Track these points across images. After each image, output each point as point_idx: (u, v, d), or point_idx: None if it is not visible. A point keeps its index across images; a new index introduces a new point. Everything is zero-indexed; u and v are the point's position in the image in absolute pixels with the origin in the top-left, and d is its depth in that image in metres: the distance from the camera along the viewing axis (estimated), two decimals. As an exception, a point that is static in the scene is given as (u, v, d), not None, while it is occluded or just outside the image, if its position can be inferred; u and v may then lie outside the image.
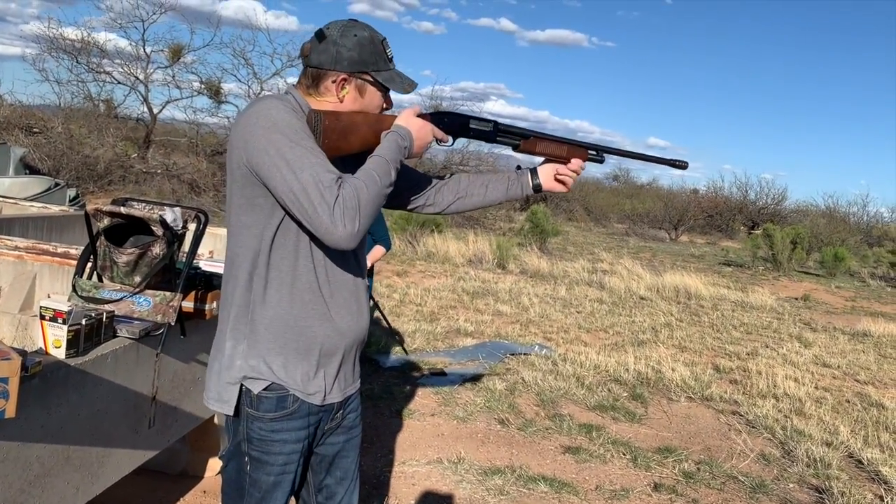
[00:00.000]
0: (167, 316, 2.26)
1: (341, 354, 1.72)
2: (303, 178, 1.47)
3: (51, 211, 4.28)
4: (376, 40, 1.68)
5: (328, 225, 1.46)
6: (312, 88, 1.69)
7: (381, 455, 3.85)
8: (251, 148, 1.53)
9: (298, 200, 1.48)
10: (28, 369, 1.70)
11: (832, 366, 7.30)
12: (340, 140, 1.63)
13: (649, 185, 38.12)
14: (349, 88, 1.68)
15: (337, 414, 1.78)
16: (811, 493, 3.98)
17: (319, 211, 1.46)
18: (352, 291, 1.72)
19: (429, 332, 6.71)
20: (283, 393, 1.64)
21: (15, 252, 2.94)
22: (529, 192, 1.96)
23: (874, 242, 25.40)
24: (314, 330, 1.65)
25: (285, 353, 1.64)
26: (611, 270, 12.89)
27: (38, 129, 16.02)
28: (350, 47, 1.64)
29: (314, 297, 1.65)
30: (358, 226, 1.49)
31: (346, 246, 1.50)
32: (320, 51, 1.65)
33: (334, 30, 1.66)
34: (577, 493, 3.67)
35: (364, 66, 1.66)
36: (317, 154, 1.52)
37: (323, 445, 1.80)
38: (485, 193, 1.96)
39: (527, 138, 1.90)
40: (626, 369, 6.03)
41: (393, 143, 1.64)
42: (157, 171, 16.12)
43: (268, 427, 1.65)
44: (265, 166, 1.51)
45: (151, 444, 2.42)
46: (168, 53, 18.73)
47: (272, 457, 1.66)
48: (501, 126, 1.89)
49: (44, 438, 1.84)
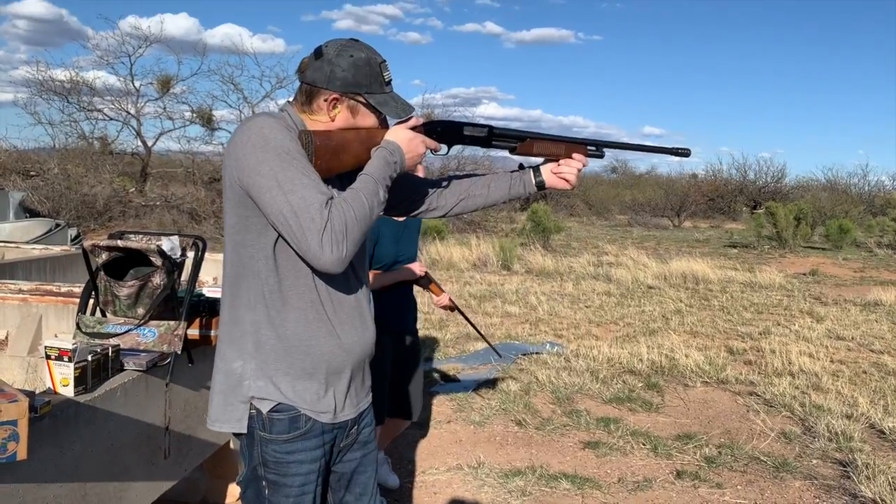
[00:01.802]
0: (173, 345, 2.26)
1: (349, 370, 1.71)
2: (293, 200, 1.47)
3: (52, 251, 4.30)
4: (373, 62, 1.66)
5: (316, 250, 1.46)
6: (306, 105, 1.67)
7: (401, 466, 3.84)
8: (243, 166, 1.53)
9: (287, 223, 1.47)
10: (37, 410, 1.71)
11: (846, 338, 7.27)
12: (333, 159, 1.62)
13: (648, 174, 38.10)
14: (341, 108, 1.66)
15: (351, 430, 1.77)
16: (835, 468, 3.96)
17: (308, 235, 1.46)
18: (354, 307, 1.71)
19: (439, 339, 6.70)
20: (294, 413, 1.63)
21: (19, 295, 2.95)
22: (533, 190, 1.92)
23: (878, 212, 25.30)
24: (320, 348, 1.64)
25: (292, 372, 1.63)
26: (616, 262, 12.87)
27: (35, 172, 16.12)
28: (344, 67, 1.63)
29: (318, 315, 1.64)
30: (345, 251, 1.48)
31: (333, 270, 1.50)
32: (315, 68, 1.64)
33: (332, 48, 1.64)
34: (599, 488, 3.65)
35: (357, 87, 1.64)
36: (308, 174, 1.51)
37: (340, 463, 1.79)
38: (487, 193, 1.93)
39: (523, 140, 1.87)
40: (639, 359, 6.02)
41: (381, 159, 1.63)
42: (156, 203, 16.19)
43: (282, 449, 1.64)
44: (256, 186, 1.51)
45: (168, 474, 2.42)
46: (157, 85, 18.86)
47: (289, 478, 1.65)
48: (496, 130, 1.87)
49: (59, 478, 1.84)
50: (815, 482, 3.77)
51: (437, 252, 12.68)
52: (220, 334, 1.71)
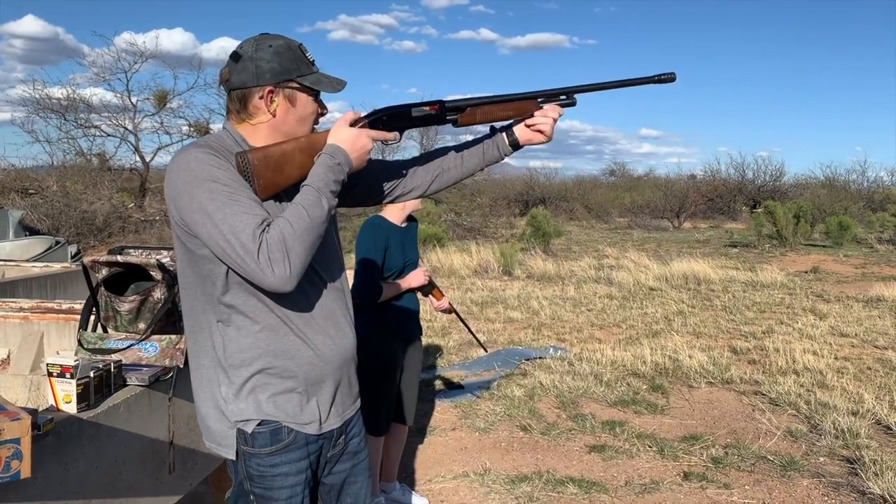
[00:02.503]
0: (175, 359, 2.26)
1: (330, 380, 1.69)
2: (224, 230, 1.46)
3: (53, 269, 4.29)
4: (293, 46, 1.64)
5: (258, 272, 1.45)
6: (243, 112, 1.64)
7: (407, 475, 3.82)
8: (179, 205, 1.52)
9: (226, 252, 1.47)
10: (40, 428, 1.70)
11: (849, 335, 7.25)
12: (276, 175, 1.57)
13: (646, 176, 38.11)
14: (278, 100, 1.63)
15: (339, 440, 1.75)
16: (843, 465, 3.94)
17: (247, 259, 1.45)
18: (326, 316, 1.68)
19: (441, 346, 6.69)
20: (275, 426, 1.62)
21: (20, 314, 2.95)
22: (508, 151, 1.83)
23: (877, 207, 25.31)
24: (296, 361, 1.62)
25: (271, 388, 1.62)
26: (617, 265, 12.85)
27: (34, 190, 16.13)
28: (268, 59, 1.60)
29: (288, 330, 1.62)
30: (289, 268, 1.46)
31: (283, 289, 1.48)
32: (239, 70, 1.61)
33: (248, 47, 1.62)
34: (606, 491, 3.64)
35: (287, 73, 1.61)
36: (239, 201, 1.49)
37: (329, 475, 1.77)
38: (462, 164, 1.86)
39: (462, 111, 1.74)
40: (643, 362, 6.00)
41: (322, 166, 1.58)
42: (155, 217, 16.19)
43: (266, 462, 1.63)
44: (192, 222, 1.50)
45: (174, 489, 2.41)
46: (154, 101, 18.89)
47: (275, 492, 1.64)
48: (449, 104, 1.75)
49: (64, 495, 1.83)
50: (822, 480, 3.75)
51: (438, 259, 12.67)
52: (194, 360, 1.68)
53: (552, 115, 1.76)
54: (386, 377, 3.16)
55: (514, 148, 1.83)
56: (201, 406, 1.69)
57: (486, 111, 1.76)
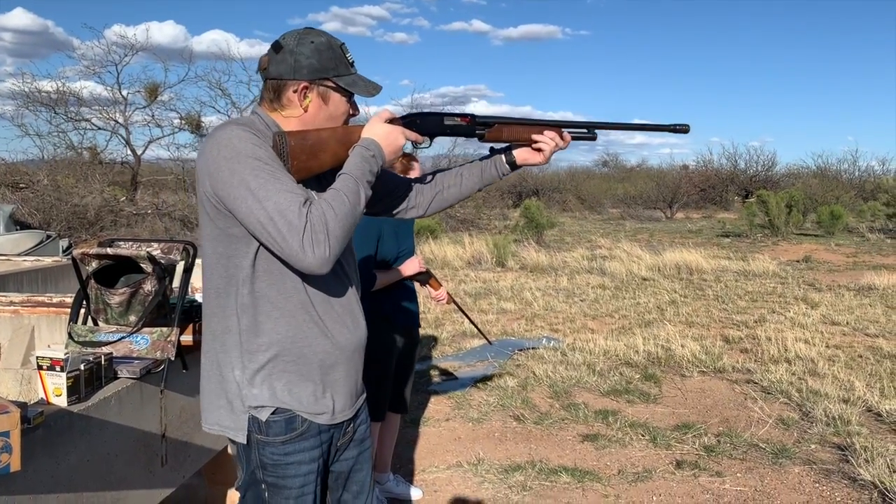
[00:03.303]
0: (166, 351, 2.25)
1: (344, 370, 1.70)
2: (268, 207, 1.45)
3: (44, 263, 4.27)
4: (334, 45, 1.65)
5: (298, 253, 1.45)
6: (276, 102, 1.65)
7: (401, 465, 3.83)
8: (215, 180, 1.51)
9: (266, 230, 1.46)
10: (30, 421, 1.69)
11: (841, 323, 7.29)
12: (310, 159, 1.59)
13: (639, 166, 38.20)
14: (311, 97, 1.64)
15: (348, 429, 1.76)
16: (834, 452, 3.97)
17: (288, 239, 1.44)
18: (344, 305, 1.70)
19: (435, 337, 6.70)
20: (290, 415, 1.62)
21: (10, 307, 2.93)
22: (505, 171, 1.88)
23: (868, 196, 25.42)
24: (313, 349, 1.63)
25: (287, 376, 1.62)
26: (610, 255, 12.87)
27: (25, 184, 16.02)
28: (308, 54, 1.61)
29: (308, 317, 1.62)
30: (327, 251, 1.47)
31: (319, 271, 1.48)
32: (278, 61, 1.62)
33: (290, 39, 1.63)
34: (599, 480, 3.65)
35: (324, 72, 1.63)
36: (281, 179, 1.49)
37: (337, 462, 1.78)
38: (461, 183, 1.90)
39: (491, 127, 1.82)
40: (635, 351, 6.02)
41: (358, 157, 1.60)
42: (147, 211, 16.11)
43: (280, 451, 1.63)
44: (231, 198, 1.49)
45: (167, 482, 2.41)
46: (145, 93, 18.78)
47: (288, 480, 1.64)
48: (479, 118, 1.82)
49: (55, 488, 1.83)
50: (814, 467, 3.78)
51: (432, 251, 12.67)
52: (209, 343, 1.68)
53: (557, 142, 1.81)
54: (380, 365, 3.16)
55: (512, 168, 1.88)
56: (211, 389, 1.68)
57: (513, 131, 1.83)
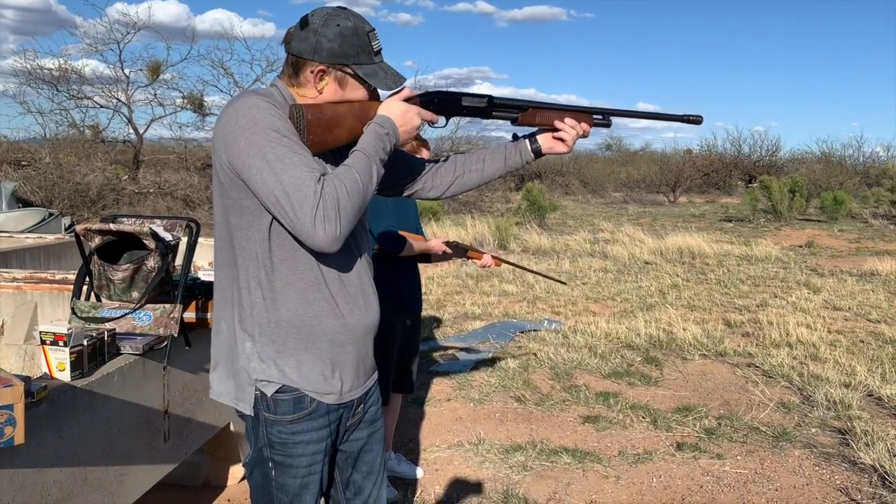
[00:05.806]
0: (169, 328, 2.25)
1: (355, 350, 1.68)
2: (283, 180, 1.43)
3: (46, 240, 4.27)
4: (361, 31, 1.60)
5: (309, 229, 1.43)
6: (294, 79, 1.63)
7: (402, 444, 3.84)
8: (231, 149, 1.49)
9: (279, 203, 1.44)
10: (34, 395, 1.70)
11: (843, 308, 7.29)
12: (326, 133, 1.57)
13: (643, 150, 38.00)
14: (328, 80, 1.61)
15: (357, 409, 1.75)
16: (834, 436, 3.98)
17: (300, 215, 1.43)
18: (357, 285, 1.67)
19: (437, 318, 6.71)
20: (298, 394, 1.61)
21: (13, 284, 2.93)
22: (530, 158, 1.86)
23: (873, 182, 25.28)
24: (324, 328, 1.61)
25: (297, 353, 1.60)
26: (612, 239, 12.86)
27: (27, 162, 15.98)
28: (331, 38, 1.57)
29: (320, 295, 1.60)
30: (338, 229, 1.45)
31: (328, 249, 1.47)
32: (301, 38, 1.59)
33: (318, 17, 1.59)
34: (600, 461, 3.66)
35: (344, 58, 1.59)
36: (299, 153, 1.47)
37: (347, 442, 1.77)
38: (483, 168, 1.88)
39: (525, 110, 1.81)
40: (637, 334, 6.03)
41: (372, 133, 1.58)
42: (149, 190, 16.08)
43: (288, 430, 1.62)
44: (246, 168, 1.47)
45: (169, 457, 2.42)
46: (147, 72, 18.65)
47: (296, 459, 1.64)
48: (497, 100, 1.81)
49: (58, 462, 1.84)
50: (814, 451, 3.79)
51: (433, 233, 12.66)
52: (220, 312, 1.67)
53: (578, 129, 1.81)
54: (381, 347, 3.15)
55: (537, 155, 1.87)
56: (220, 360, 1.67)
57: (546, 115, 1.82)
